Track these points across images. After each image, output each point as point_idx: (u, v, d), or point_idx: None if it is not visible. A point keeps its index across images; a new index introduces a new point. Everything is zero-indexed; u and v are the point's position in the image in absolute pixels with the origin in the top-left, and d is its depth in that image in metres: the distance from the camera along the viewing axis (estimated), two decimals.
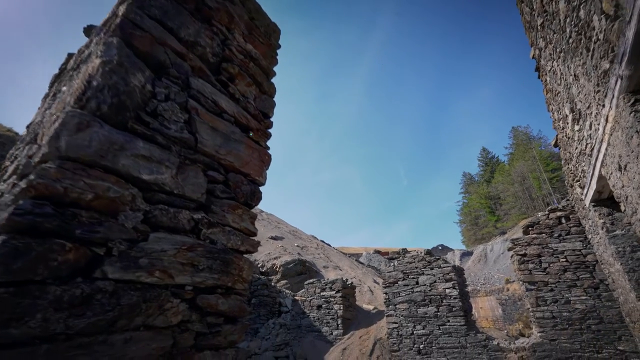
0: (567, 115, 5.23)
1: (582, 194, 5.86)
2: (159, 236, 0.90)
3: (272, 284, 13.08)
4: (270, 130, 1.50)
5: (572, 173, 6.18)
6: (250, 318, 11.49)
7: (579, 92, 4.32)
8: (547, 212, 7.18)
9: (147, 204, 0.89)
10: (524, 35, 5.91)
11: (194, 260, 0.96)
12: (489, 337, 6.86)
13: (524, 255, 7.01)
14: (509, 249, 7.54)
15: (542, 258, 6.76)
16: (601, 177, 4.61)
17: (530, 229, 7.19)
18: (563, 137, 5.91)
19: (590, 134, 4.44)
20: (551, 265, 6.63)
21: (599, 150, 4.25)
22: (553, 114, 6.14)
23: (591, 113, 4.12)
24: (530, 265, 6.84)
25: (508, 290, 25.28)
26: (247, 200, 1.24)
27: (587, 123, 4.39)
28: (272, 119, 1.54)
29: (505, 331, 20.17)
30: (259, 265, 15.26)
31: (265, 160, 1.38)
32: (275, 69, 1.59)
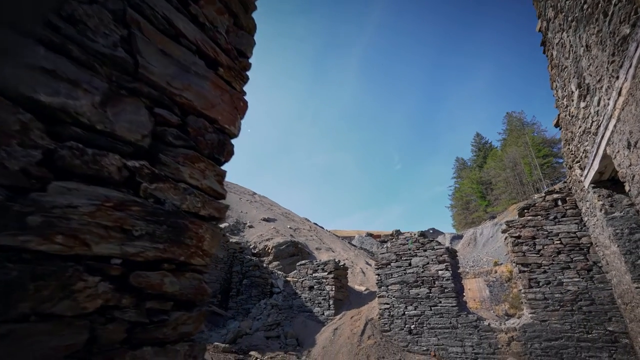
0: (572, 92, 4.98)
1: (581, 175, 5.70)
2: (66, 186, 0.61)
3: (264, 265, 12.99)
4: (248, 74, 1.20)
5: (572, 154, 6.00)
6: (242, 299, 11.43)
7: (590, 64, 4.04)
8: (543, 194, 7.06)
9: (51, 140, 0.61)
10: (521, 18, 5.55)
11: (125, 223, 0.68)
12: (480, 318, 6.86)
13: (518, 237, 6.92)
14: (503, 231, 7.46)
15: (537, 240, 6.68)
16: (605, 157, 4.42)
17: (525, 211, 7.08)
18: (566, 115, 5.68)
19: (597, 111, 4.21)
20: (545, 247, 6.56)
21: (606, 128, 4.03)
22: (557, 91, 5.88)
23: (601, 87, 3.87)
24: (524, 247, 6.77)
25: (496, 272, 25.87)
26: (213, 152, 0.95)
27: (596, 99, 4.14)
28: (250, 61, 1.24)
29: (492, 311, 20.75)
30: (251, 247, 15.13)
31: (239, 107, 1.08)
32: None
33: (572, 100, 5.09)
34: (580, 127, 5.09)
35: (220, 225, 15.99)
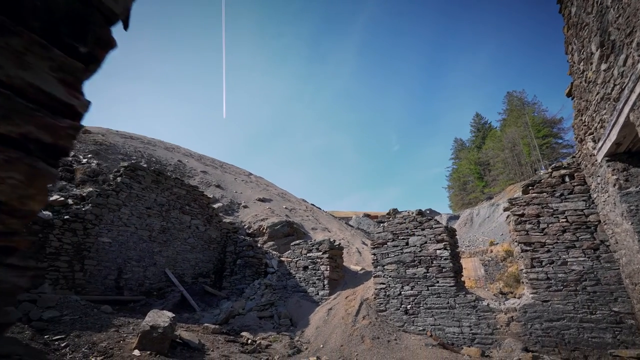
0: (592, 54, 4.46)
1: (594, 148, 5.28)
2: None
3: (259, 245, 12.73)
4: None
5: (585, 125, 5.54)
6: (236, 279, 11.23)
7: (618, 15, 3.52)
8: (550, 170, 6.67)
9: None
10: None
11: None
12: (479, 297, 6.63)
13: (522, 215, 6.59)
14: (505, 209, 7.11)
15: (541, 218, 6.35)
16: (626, 125, 3.98)
17: (530, 188, 6.70)
18: (581, 82, 5.18)
19: (622, 72, 3.72)
20: (550, 225, 6.24)
21: (631, 90, 3.55)
22: (572, 55, 5.34)
23: (631, 42, 3.36)
24: (528, 226, 6.45)
25: (491, 252, 26.08)
26: (54, 27, 0.50)
27: (622, 57, 3.65)
28: None
29: (487, 289, 20.95)
30: (246, 227, 14.84)
31: None
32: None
33: (591, 64, 4.59)
34: (598, 93, 4.61)
35: (216, 207, 15.68)
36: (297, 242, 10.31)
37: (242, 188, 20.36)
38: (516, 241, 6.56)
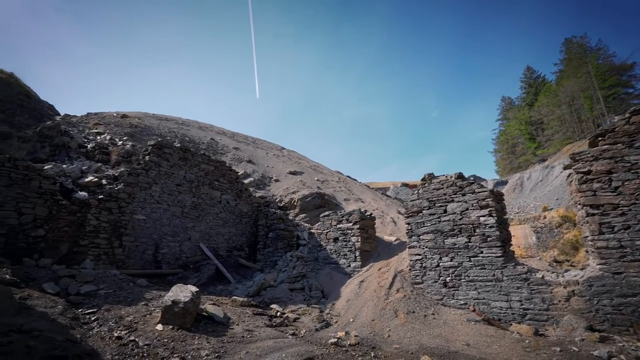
0: None
1: None
2: None
3: (290, 217, 12.60)
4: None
5: None
6: (269, 251, 11.26)
7: None
8: (627, 116, 5.37)
9: None
10: None
11: None
12: (532, 269, 5.78)
13: (588, 172, 5.47)
14: (566, 167, 5.98)
15: (614, 175, 5.21)
16: None
17: (600, 139, 5.49)
18: None
19: None
20: (626, 183, 5.09)
21: None
22: None
23: None
24: (595, 185, 5.34)
25: (545, 218, 23.90)
26: None
27: None
28: None
29: (539, 257, 19.37)
30: (277, 200, 14.77)
31: None
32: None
33: None
34: None
35: (247, 182, 15.72)
36: (327, 213, 9.91)
37: (274, 162, 20.28)
38: (579, 203, 5.51)
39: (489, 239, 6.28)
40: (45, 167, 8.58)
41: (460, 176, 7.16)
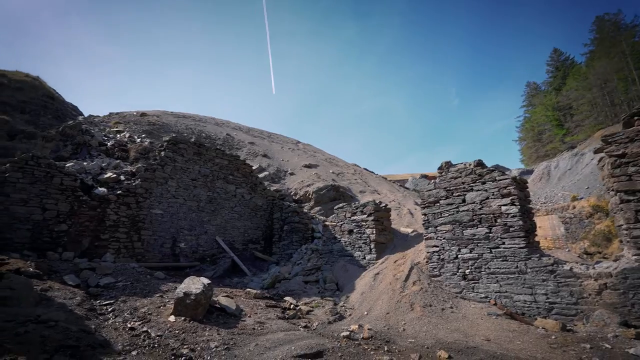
0: None
1: None
2: None
3: (305, 210, 12.54)
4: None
5: None
6: (284, 244, 11.27)
7: None
8: None
9: None
10: None
11: None
12: (558, 261, 5.40)
13: (622, 156, 5.01)
14: (597, 151, 5.53)
15: None
16: None
17: (636, 118, 5.01)
18: None
19: None
20: None
21: None
22: None
23: None
24: (631, 169, 4.89)
25: (574, 207, 22.64)
26: None
27: None
28: None
29: (568, 249, 18.41)
30: (292, 193, 14.74)
31: None
32: None
33: None
34: None
35: (262, 175, 15.77)
36: (341, 205, 9.75)
37: (289, 156, 20.25)
38: (612, 189, 5.07)
39: (511, 229, 5.93)
40: (67, 165, 8.89)
41: (479, 163, 6.80)
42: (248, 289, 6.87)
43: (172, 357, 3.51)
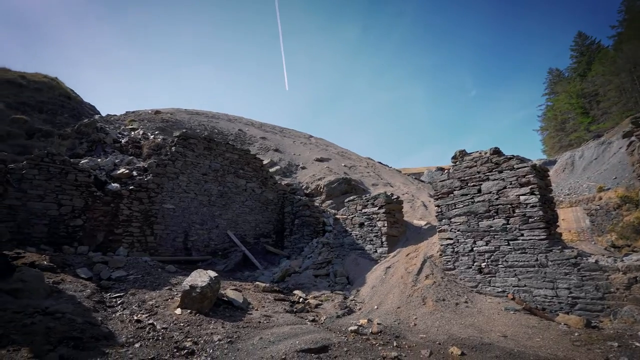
0: None
1: None
2: None
3: (316, 204, 12.42)
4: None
5: None
6: (295, 238, 11.20)
7: None
8: None
9: None
10: None
11: None
12: (582, 253, 5.05)
13: None
14: (626, 135, 5.12)
15: None
16: None
17: None
18: None
19: None
20: None
21: None
22: None
23: None
24: None
25: (600, 199, 21.52)
26: None
27: None
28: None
29: (594, 243, 17.54)
30: (303, 187, 14.64)
31: None
32: None
33: None
34: None
35: (274, 170, 15.74)
36: (352, 198, 9.56)
37: (301, 150, 20.14)
38: None
39: (530, 219, 5.59)
40: (82, 162, 9.09)
41: (496, 151, 6.45)
42: (257, 282, 6.83)
43: (175, 350, 3.47)
